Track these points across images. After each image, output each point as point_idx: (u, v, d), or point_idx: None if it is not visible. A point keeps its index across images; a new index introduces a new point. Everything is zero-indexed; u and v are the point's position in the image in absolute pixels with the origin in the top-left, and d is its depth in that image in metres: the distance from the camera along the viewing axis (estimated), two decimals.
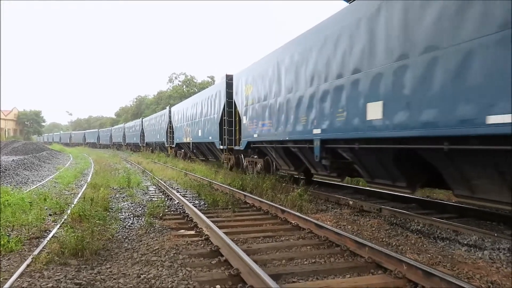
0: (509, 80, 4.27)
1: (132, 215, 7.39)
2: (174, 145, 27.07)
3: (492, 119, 4.48)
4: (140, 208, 8.11)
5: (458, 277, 3.77)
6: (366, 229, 6.21)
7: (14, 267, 4.39)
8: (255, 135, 12.01)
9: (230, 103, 15.02)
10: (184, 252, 4.86)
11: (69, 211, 7.03)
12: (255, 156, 13.42)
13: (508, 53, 4.29)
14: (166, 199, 9.34)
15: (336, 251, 4.89)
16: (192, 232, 6.03)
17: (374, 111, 6.48)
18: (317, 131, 8.32)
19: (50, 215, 7.23)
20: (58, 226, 6.16)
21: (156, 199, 8.92)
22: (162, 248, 5.05)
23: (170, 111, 28.53)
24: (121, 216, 7.27)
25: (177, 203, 8.73)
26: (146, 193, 10.67)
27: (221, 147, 16.10)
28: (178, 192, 10.35)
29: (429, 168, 6.19)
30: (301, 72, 9.08)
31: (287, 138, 9.78)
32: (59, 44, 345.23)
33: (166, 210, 7.72)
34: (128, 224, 6.65)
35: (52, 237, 5.52)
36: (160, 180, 12.90)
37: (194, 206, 7.75)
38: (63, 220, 6.51)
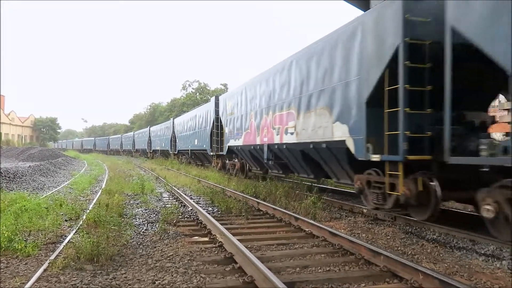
0: (203, 138, 22.38)
1: (146, 221, 7.45)
2: (151, 150, 41.45)
3: (204, 146, 21.55)
4: (154, 215, 8.17)
5: None
6: (380, 237, 6.15)
7: (32, 271, 4.46)
8: (179, 148, 29.72)
9: (173, 133, 31.63)
10: (198, 259, 4.88)
11: (84, 217, 7.11)
12: (184, 156, 29.46)
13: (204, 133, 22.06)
14: (179, 205, 9.39)
15: (350, 259, 4.85)
16: (206, 239, 6.05)
17: (196, 142, 23.66)
18: (190, 146, 25.33)
19: (66, 220, 7.33)
20: (73, 231, 6.25)
21: (169, 206, 8.97)
22: (176, 255, 5.08)
23: (149, 131, 41.91)
24: (136, 222, 7.33)
25: (191, 209, 8.76)
26: (159, 199, 10.75)
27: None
28: (191, 198, 10.39)
29: (201, 159, 26.09)
30: (187, 125, 26.33)
31: (187, 149, 26.16)
32: (75, 53, 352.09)
33: (179, 216, 7.76)
34: (143, 230, 6.70)
35: (68, 242, 5.59)
36: (173, 187, 12.98)
37: (208, 213, 7.78)
38: (78, 225, 6.59)
